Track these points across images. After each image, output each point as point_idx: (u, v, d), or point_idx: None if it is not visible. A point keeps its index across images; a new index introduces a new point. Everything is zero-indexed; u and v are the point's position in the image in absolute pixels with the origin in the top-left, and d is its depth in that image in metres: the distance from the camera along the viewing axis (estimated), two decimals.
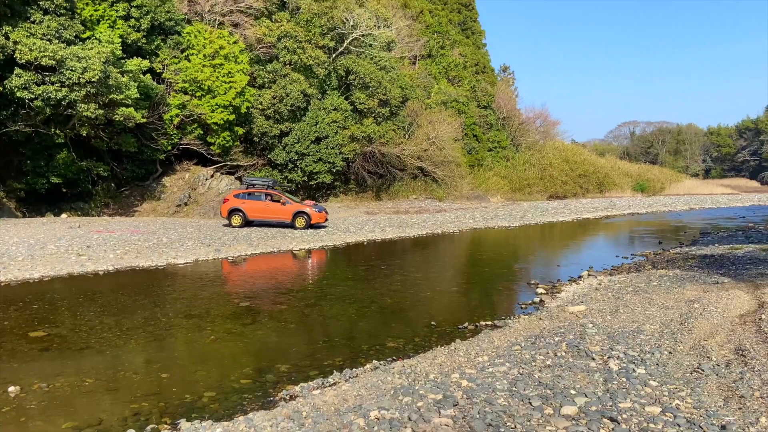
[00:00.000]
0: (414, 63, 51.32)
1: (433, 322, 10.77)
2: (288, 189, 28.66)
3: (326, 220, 25.65)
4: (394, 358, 8.54)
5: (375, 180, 40.44)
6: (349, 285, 14.72)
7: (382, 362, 8.28)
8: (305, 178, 35.43)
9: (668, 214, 44.98)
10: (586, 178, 63.36)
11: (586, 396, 5.63)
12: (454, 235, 26.43)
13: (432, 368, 6.78)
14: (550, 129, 70.79)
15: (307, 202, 27.20)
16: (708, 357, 6.64)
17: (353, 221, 28.82)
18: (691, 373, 6.21)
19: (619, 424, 5.10)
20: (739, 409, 5.22)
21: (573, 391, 5.80)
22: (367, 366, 8.08)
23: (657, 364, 6.50)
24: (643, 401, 5.51)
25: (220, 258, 18.11)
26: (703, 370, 6.21)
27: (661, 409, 5.35)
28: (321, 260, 19.18)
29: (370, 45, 39.05)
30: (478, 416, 5.32)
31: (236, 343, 9.65)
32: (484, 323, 10.56)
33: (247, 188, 25.82)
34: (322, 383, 7.41)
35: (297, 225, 24.56)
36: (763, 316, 8.31)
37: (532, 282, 14.91)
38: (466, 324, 10.56)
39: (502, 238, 26.79)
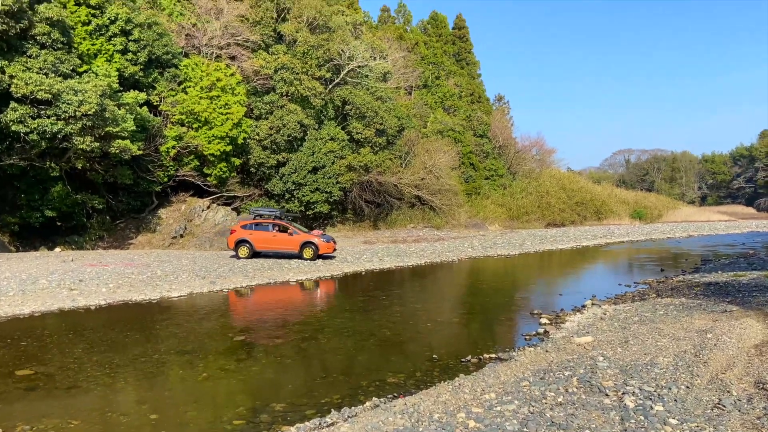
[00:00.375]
0: (410, 93, 51.70)
1: (434, 356, 10.40)
2: (295, 218, 28.21)
3: (334, 250, 25.24)
4: (395, 394, 8.16)
5: (372, 209, 40.27)
6: (347, 317, 14.35)
7: (382, 399, 7.90)
8: (302, 208, 35.24)
9: (667, 241, 44.74)
10: (584, 206, 63.30)
11: None
12: (453, 264, 26.11)
13: (436, 407, 6.39)
14: (546, 157, 71.09)
15: (315, 232, 26.75)
16: (728, 391, 6.25)
17: (351, 251, 28.51)
18: (712, 410, 5.81)
19: None
20: None
21: None
22: (367, 404, 7.69)
23: (675, 400, 6.10)
24: None
25: (215, 290, 17.76)
26: (724, 406, 5.81)
27: None
28: (318, 291, 18.82)
29: (366, 76, 39.32)
30: None
31: (230, 381, 9.27)
32: (487, 356, 10.19)
33: (254, 219, 25.47)
34: (320, 423, 7.02)
35: (305, 255, 24.14)
36: None
37: (535, 312, 14.56)
38: (469, 357, 10.19)
39: (502, 267, 26.47)
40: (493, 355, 10.17)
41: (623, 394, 6.38)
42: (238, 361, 10.35)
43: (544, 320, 13.28)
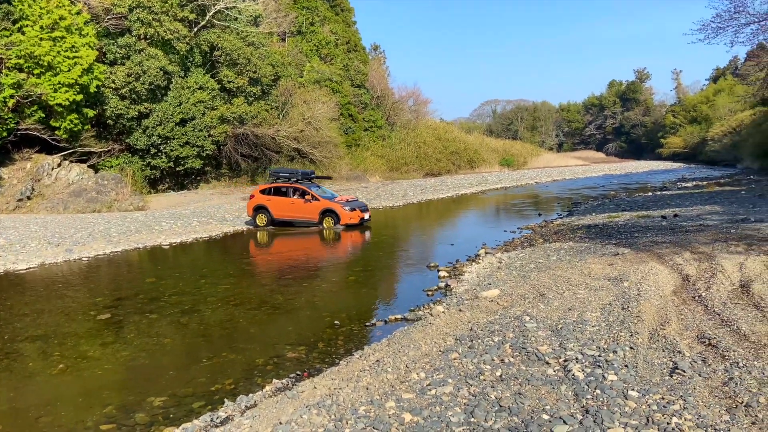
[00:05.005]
0: (283, 40, 48.92)
1: (336, 321, 9.44)
2: (310, 178, 23.19)
3: (363, 219, 21.16)
4: (298, 372, 7.14)
5: (249, 164, 38.03)
6: (232, 282, 12.95)
7: (284, 380, 6.83)
8: (171, 164, 32.31)
9: (536, 186, 47.15)
10: (458, 155, 65.12)
11: (564, 422, 4.57)
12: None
13: (357, 394, 5.44)
14: (421, 108, 71.57)
15: (342, 197, 22.52)
16: (678, 351, 5.85)
17: (229, 209, 26.60)
18: (671, 375, 5.34)
19: None
20: (754, 424, 4.37)
21: (546, 416, 4.71)
22: (267, 388, 6.58)
23: (626, 366, 5.59)
24: (634, 422, 4.50)
25: (72, 259, 15.49)
26: (683, 371, 5.35)
27: None
28: (196, 255, 17.10)
29: (236, 19, 36.27)
30: None
31: (94, 372, 7.70)
32: (393, 317, 9.44)
33: (273, 182, 22.09)
34: (212, 420, 5.83)
35: (325, 225, 20.99)
36: (703, 293, 7.98)
37: (431, 264, 14.09)
38: (373, 321, 9.38)
39: (389, 219, 26.03)
40: (399, 316, 9.45)
41: (566, 361, 5.78)
42: (103, 346, 8.74)
43: (442, 273, 12.83)
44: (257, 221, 21.66)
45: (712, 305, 7.53)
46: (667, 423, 4.36)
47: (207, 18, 34.55)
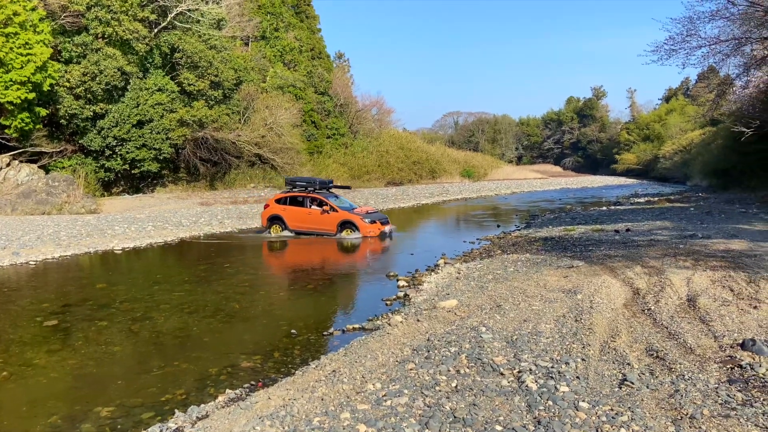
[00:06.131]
0: (247, 44, 48.50)
1: (293, 330, 9.34)
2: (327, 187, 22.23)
3: (383, 233, 20.67)
4: (252, 383, 7.02)
5: (209, 168, 37.43)
6: (187, 289, 12.68)
7: (237, 391, 6.69)
8: (126, 167, 31.53)
9: (496, 198, 47.84)
10: (420, 165, 65.49)
11: None
12: None
13: (312, 405, 5.36)
14: (385, 117, 71.92)
15: (361, 209, 21.87)
16: (627, 363, 6.01)
17: (186, 213, 26.08)
18: (620, 387, 5.47)
19: None
20: None
21: (499, 427, 4.73)
22: (220, 398, 6.44)
23: (578, 378, 5.71)
24: None
25: (19, 263, 14.93)
26: (632, 383, 5.49)
27: None
28: (150, 260, 16.68)
29: (198, 21, 35.74)
30: None
31: (39, 380, 7.41)
32: (351, 327, 9.39)
33: (289, 191, 21.24)
34: (161, 431, 5.68)
35: (343, 236, 20.29)
36: (652, 306, 8.22)
37: (391, 274, 14.10)
38: (331, 330, 9.31)
39: None
40: (357, 326, 9.41)
41: (520, 372, 5.84)
42: (49, 353, 8.41)
43: (401, 282, 12.86)
44: (271, 232, 20.99)
45: (661, 318, 7.78)
46: None
47: (168, 19, 33.95)
